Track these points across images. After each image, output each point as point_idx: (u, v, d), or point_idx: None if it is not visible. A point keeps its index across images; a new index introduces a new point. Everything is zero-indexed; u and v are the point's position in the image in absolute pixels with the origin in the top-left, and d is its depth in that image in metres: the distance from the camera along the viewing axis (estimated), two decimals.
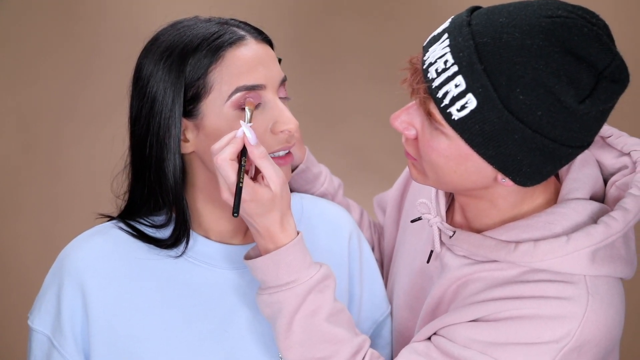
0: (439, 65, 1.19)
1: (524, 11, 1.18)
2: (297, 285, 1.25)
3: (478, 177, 1.25)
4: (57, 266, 1.32)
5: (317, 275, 1.26)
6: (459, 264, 1.32)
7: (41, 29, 2.84)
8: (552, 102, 1.16)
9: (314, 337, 1.26)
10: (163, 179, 1.27)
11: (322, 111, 2.74)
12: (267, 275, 1.25)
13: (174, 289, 1.31)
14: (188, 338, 1.29)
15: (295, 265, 1.25)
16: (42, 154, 2.87)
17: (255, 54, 1.26)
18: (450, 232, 1.33)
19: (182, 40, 1.26)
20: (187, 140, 1.27)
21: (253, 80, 1.25)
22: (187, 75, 1.24)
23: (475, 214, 1.33)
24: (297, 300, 1.25)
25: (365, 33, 2.87)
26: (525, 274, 1.26)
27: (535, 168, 1.21)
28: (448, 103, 1.19)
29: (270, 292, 1.26)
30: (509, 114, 1.16)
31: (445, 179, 1.26)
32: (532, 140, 1.18)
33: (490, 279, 1.29)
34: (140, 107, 1.27)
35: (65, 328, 1.28)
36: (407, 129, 1.27)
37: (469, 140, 1.19)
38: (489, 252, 1.28)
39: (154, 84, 1.26)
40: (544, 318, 1.23)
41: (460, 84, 1.17)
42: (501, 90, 1.16)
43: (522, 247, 1.25)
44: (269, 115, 1.27)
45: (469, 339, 1.25)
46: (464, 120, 1.18)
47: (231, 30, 1.27)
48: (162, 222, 1.32)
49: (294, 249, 1.25)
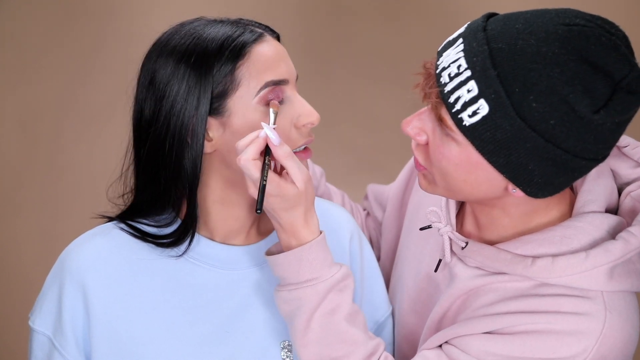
0: (452, 70, 1.18)
1: (541, 18, 1.16)
2: (319, 282, 1.25)
3: (489, 187, 1.23)
4: (58, 267, 1.32)
5: (338, 274, 1.26)
6: (470, 275, 1.31)
7: (41, 29, 2.84)
8: (566, 111, 1.13)
9: (331, 336, 1.26)
10: (179, 178, 1.27)
11: (322, 111, 2.74)
12: (288, 271, 1.25)
13: (176, 289, 1.31)
14: (189, 339, 1.29)
15: (318, 263, 1.25)
16: (42, 154, 2.87)
17: (276, 50, 1.28)
18: (463, 243, 1.32)
19: (202, 39, 1.25)
20: (210, 139, 1.27)
21: (279, 75, 1.26)
22: (214, 73, 1.24)
23: (488, 222, 1.32)
24: (317, 297, 1.25)
25: (365, 33, 2.87)
26: (540, 287, 1.25)
27: (547, 179, 1.19)
28: (460, 108, 1.17)
29: (290, 289, 1.25)
30: (522, 122, 1.14)
31: (456, 187, 1.25)
32: (544, 150, 1.15)
33: (504, 291, 1.27)
34: (159, 109, 1.26)
35: (66, 329, 1.28)
36: (419, 134, 1.25)
37: (479, 147, 1.17)
38: (504, 266, 1.26)
39: (174, 85, 1.25)
40: (561, 333, 1.21)
41: (472, 89, 1.15)
42: (514, 97, 1.13)
43: (540, 263, 1.23)
44: (291, 109, 1.28)
45: (483, 351, 1.24)
46: (475, 126, 1.16)
47: (249, 28, 1.28)
48: (164, 220, 1.32)
49: (316, 247, 1.25)
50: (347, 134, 2.81)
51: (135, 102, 1.30)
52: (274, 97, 1.26)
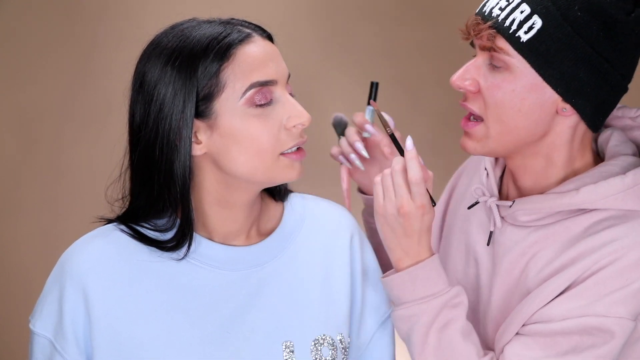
0: (501, 4, 1.32)
1: None
2: (433, 299, 1.33)
3: (540, 114, 1.33)
4: (58, 269, 1.31)
5: (451, 291, 1.34)
6: (523, 235, 1.39)
7: (41, 29, 2.84)
8: (604, 17, 1.29)
9: (447, 349, 1.33)
10: (172, 181, 1.26)
11: (322, 111, 2.73)
12: (404, 290, 1.34)
13: (177, 291, 1.31)
14: (191, 340, 1.29)
15: (432, 281, 1.33)
16: (42, 154, 2.87)
17: (264, 50, 1.27)
18: (509, 203, 1.40)
19: (189, 41, 1.25)
20: (199, 142, 1.27)
21: (265, 76, 1.26)
22: (199, 76, 1.24)
23: (531, 182, 1.40)
24: (432, 312, 1.33)
25: (366, 33, 2.87)
26: (591, 227, 1.33)
27: (593, 92, 1.32)
28: (516, 28, 1.30)
29: (407, 306, 1.34)
30: (571, 29, 1.29)
31: (510, 124, 1.34)
32: (590, 58, 1.30)
33: (559, 243, 1.35)
34: (147, 112, 1.26)
35: (67, 331, 1.28)
36: (472, 84, 1.35)
37: (535, 62, 1.30)
38: (552, 203, 1.35)
39: (161, 87, 1.25)
40: (624, 259, 1.30)
41: (525, 10, 1.30)
42: (562, 8, 1.29)
43: (584, 190, 1.34)
44: (281, 110, 1.27)
45: (565, 310, 1.30)
46: (531, 41, 1.30)
47: (237, 28, 1.27)
48: (164, 225, 1.31)
49: (430, 265, 1.32)
50: None
51: (129, 105, 1.30)
52: (260, 99, 1.26)
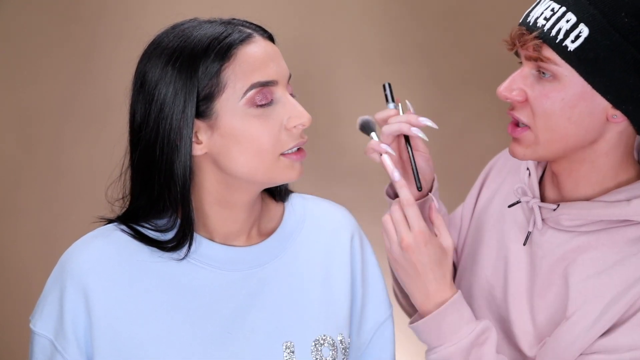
0: (546, 14, 1.32)
1: None
2: (461, 340, 1.37)
3: (590, 121, 1.32)
4: (58, 269, 1.31)
5: (477, 329, 1.38)
6: (565, 239, 1.39)
7: (41, 29, 2.84)
8: None
9: None
10: (172, 181, 1.27)
11: (322, 111, 2.74)
12: (431, 335, 1.38)
13: (177, 291, 1.31)
14: (191, 340, 1.29)
15: (457, 324, 1.37)
16: (42, 155, 2.87)
17: (264, 51, 1.27)
18: (554, 206, 1.39)
19: (190, 41, 1.25)
20: (199, 142, 1.27)
21: (266, 77, 1.26)
22: (200, 75, 1.24)
23: (573, 186, 1.39)
24: (463, 354, 1.37)
25: (366, 33, 2.87)
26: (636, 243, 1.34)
27: None
28: (562, 37, 1.30)
29: (437, 351, 1.38)
30: (618, 36, 1.28)
31: (560, 131, 1.33)
32: (639, 64, 1.29)
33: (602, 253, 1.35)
34: (148, 112, 1.26)
35: (68, 331, 1.28)
36: (519, 94, 1.35)
37: (583, 71, 1.29)
38: (600, 211, 1.35)
39: (162, 87, 1.25)
40: None
41: (570, 19, 1.30)
42: (608, 15, 1.28)
43: (635, 202, 1.33)
44: (281, 111, 1.27)
45: (632, 340, 1.31)
46: (578, 50, 1.29)
47: (238, 28, 1.27)
48: (165, 225, 1.32)
49: (453, 307, 1.37)
50: (346, 134, 2.80)
51: (130, 105, 1.30)
52: (261, 99, 1.26)
